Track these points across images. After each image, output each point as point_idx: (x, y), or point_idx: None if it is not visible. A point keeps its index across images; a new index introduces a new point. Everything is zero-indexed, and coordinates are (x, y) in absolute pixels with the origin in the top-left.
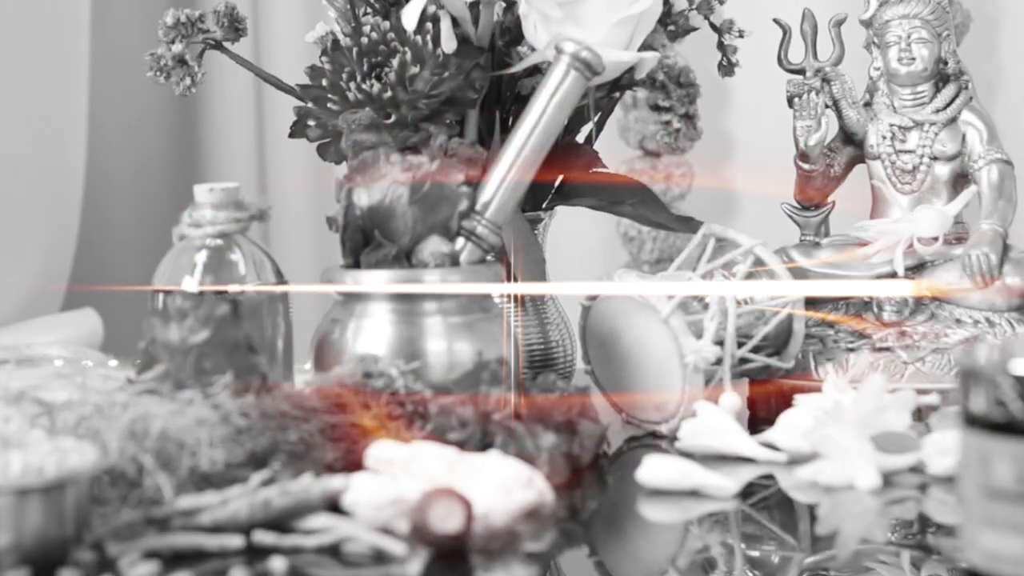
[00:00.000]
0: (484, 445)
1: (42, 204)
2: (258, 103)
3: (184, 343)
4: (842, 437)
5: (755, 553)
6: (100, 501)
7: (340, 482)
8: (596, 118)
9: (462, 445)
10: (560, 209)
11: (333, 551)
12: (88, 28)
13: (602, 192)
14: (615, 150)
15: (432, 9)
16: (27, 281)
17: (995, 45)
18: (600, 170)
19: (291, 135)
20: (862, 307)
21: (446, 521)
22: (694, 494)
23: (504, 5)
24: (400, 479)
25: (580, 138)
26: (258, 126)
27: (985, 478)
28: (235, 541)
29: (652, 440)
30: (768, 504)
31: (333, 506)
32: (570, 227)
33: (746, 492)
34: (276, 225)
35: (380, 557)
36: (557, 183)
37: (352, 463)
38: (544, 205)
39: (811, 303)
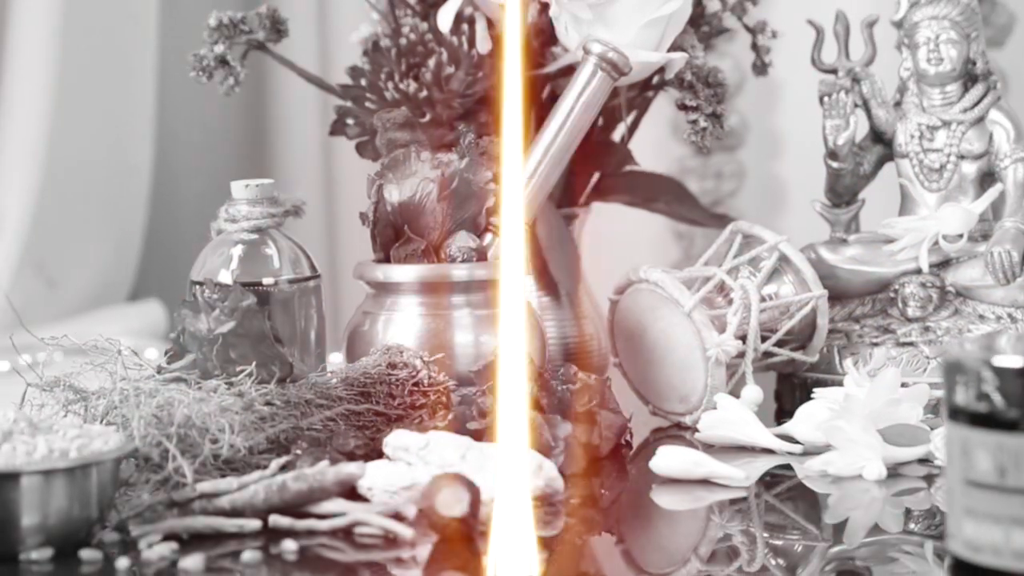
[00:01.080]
0: None
1: (109, 199)
2: (324, 101)
3: (211, 333)
4: (851, 429)
5: (778, 542)
6: (124, 484)
7: (355, 468)
8: (629, 118)
9: (480, 435)
10: (611, 206)
11: (346, 534)
12: (155, 26)
13: (636, 189)
14: (666, 148)
15: (468, 11)
16: (94, 274)
17: None
18: (633, 168)
19: (331, 133)
20: (887, 303)
21: (453, 506)
22: (707, 483)
23: (539, 7)
24: (415, 466)
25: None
26: (324, 124)
27: (967, 469)
28: (253, 524)
29: (677, 431)
30: (782, 494)
31: (351, 491)
32: (621, 224)
33: (763, 482)
34: (340, 222)
35: (391, 540)
36: (593, 180)
37: (372, 450)
38: (580, 202)
39: (836, 298)
